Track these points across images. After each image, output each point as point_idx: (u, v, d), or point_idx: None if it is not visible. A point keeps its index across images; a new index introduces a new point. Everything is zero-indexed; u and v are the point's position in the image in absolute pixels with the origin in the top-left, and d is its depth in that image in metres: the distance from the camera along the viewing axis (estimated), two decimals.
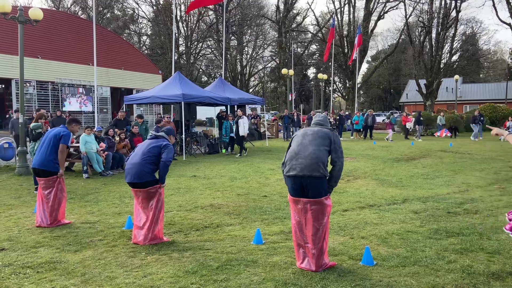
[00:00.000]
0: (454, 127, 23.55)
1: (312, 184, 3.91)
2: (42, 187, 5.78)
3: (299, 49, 56.51)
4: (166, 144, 5.01)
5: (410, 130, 22.60)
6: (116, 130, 12.02)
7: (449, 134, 22.97)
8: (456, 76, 33.03)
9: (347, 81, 44.92)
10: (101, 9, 50.15)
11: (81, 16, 44.67)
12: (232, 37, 52.38)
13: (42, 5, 58.15)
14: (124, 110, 15.00)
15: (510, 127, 21.53)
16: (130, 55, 32.90)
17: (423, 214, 6.10)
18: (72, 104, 28.38)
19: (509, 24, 38.54)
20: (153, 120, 17.60)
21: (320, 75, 34.97)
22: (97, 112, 17.03)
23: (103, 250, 4.67)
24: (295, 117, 22.74)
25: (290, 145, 4.25)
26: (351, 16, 42.68)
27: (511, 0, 35.14)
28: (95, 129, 11.02)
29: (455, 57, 48.99)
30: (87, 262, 4.30)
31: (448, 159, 12.88)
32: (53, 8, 45.62)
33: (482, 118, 21.76)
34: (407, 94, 51.99)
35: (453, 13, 38.45)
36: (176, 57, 45.31)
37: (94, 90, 22.21)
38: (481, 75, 61.21)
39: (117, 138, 11.53)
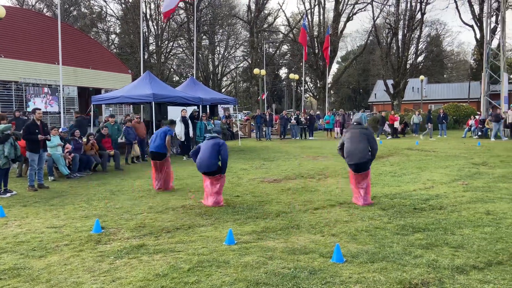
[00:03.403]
0: (404, 122, 23.90)
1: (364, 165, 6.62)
2: None
3: (270, 49, 56.77)
4: (222, 143, 6.95)
5: (399, 129, 22.94)
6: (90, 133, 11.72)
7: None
8: (422, 77, 34.08)
9: (318, 81, 45.50)
10: (67, 6, 48.66)
11: (46, 14, 43.19)
12: (204, 37, 52.00)
13: (5, 2, 55.79)
14: (91, 110, 14.62)
15: (472, 126, 22.42)
16: (98, 54, 32.07)
17: (390, 211, 6.26)
18: (36, 104, 27.37)
19: (471, 26, 40.17)
20: (122, 120, 17.22)
21: (291, 75, 35.32)
22: (64, 112, 16.51)
23: (70, 255, 4.54)
24: (268, 116, 22.84)
25: (343, 142, 6.84)
26: (321, 18, 43.34)
27: (473, 2, 36.63)
28: (60, 130, 10.66)
29: (420, 58, 50.62)
30: (52, 268, 4.16)
31: (414, 157, 13.28)
32: (17, 6, 43.91)
33: (446, 117, 22.54)
34: (375, 94, 53.23)
35: (418, 15, 39.74)
36: (146, 56, 44.58)
37: (60, 90, 21.52)
38: (445, 75, 63.43)
39: (85, 139, 11.21)
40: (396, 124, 22.73)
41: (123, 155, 12.83)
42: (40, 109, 8.97)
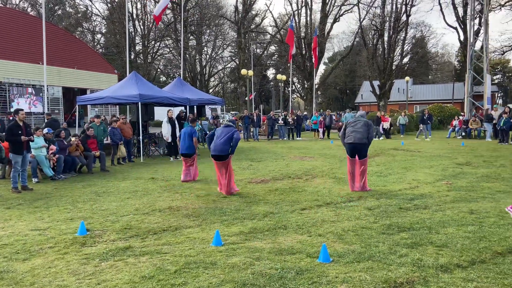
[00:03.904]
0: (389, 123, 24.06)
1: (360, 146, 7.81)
2: None
3: (258, 50, 56.85)
4: (235, 130, 7.98)
5: (388, 130, 23.09)
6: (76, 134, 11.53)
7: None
8: (407, 78, 34.52)
9: (305, 82, 45.73)
10: (52, 5, 47.96)
11: (30, 13, 42.48)
12: (191, 37, 51.78)
13: None
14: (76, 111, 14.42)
15: (456, 126, 22.78)
16: (83, 54, 31.67)
17: (376, 211, 6.33)
18: (20, 105, 26.88)
19: (455, 28, 40.88)
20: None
21: (279, 76, 35.40)
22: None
23: (54, 258, 4.47)
24: (255, 117, 22.85)
25: (345, 127, 8.06)
26: (308, 19, 43.58)
27: (457, 5, 37.26)
28: (45, 131, 10.49)
29: (406, 59, 51.29)
30: (36, 271, 4.10)
31: (399, 157, 13.44)
32: (0, 5, 43.08)
33: (431, 118, 22.84)
34: (362, 94, 53.73)
35: (404, 17, 40.27)
36: (132, 56, 44.18)
37: (44, 90, 21.17)
38: (429, 77, 64.39)
39: (73, 139, 11.00)
40: (386, 125, 22.97)
41: (109, 156, 12.69)
42: (23, 110, 8.81)
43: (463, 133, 21.84)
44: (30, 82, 27.83)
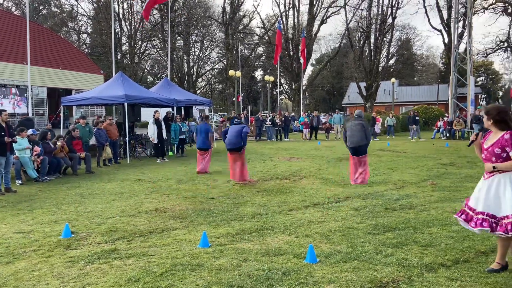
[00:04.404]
0: None
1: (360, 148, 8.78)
2: None
3: (246, 51, 56.85)
4: (245, 126, 9.29)
5: (379, 132, 23.30)
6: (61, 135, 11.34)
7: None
8: (393, 79, 34.93)
9: (293, 83, 45.90)
10: (37, 5, 47.19)
11: (14, 12, 41.75)
12: (178, 37, 51.50)
13: None
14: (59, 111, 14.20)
15: (440, 127, 23.13)
16: (68, 54, 31.24)
17: (363, 211, 6.38)
18: (4, 106, 26.38)
19: (440, 31, 41.53)
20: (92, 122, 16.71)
21: (267, 77, 35.46)
22: (33, 114, 15.99)
23: (38, 261, 4.40)
24: (243, 118, 22.84)
25: (345, 131, 9.00)
26: (296, 20, 43.76)
27: (442, 8, 37.87)
28: (29, 132, 10.31)
29: (392, 61, 51.92)
30: (20, 275, 4.02)
31: (385, 157, 13.59)
32: None
33: (417, 119, 23.17)
34: (349, 96, 54.16)
35: (390, 20, 40.74)
36: (119, 57, 43.74)
37: (28, 91, 20.82)
38: (415, 78, 65.23)
39: (59, 143, 10.83)
40: (378, 127, 23.16)
41: (95, 158, 12.55)
42: (6, 111, 8.65)
43: (448, 134, 22.18)
44: (14, 82, 27.34)
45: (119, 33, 46.20)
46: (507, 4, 36.25)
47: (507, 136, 3.84)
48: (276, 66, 36.93)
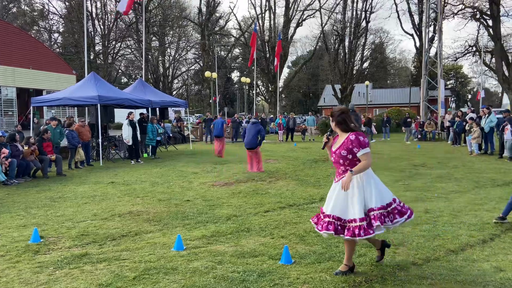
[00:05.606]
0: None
1: None
2: None
3: (222, 52, 56.74)
4: (261, 127, 10.75)
5: (375, 132, 23.52)
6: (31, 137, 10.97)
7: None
8: (367, 82, 35.60)
9: (269, 85, 46.12)
10: (6, 3, 45.66)
11: None
12: (153, 38, 50.88)
13: None
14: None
15: (412, 129, 23.71)
16: (39, 54, 30.33)
17: None
18: None
19: (411, 35, 42.65)
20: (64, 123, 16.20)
21: (243, 79, 35.48)
22: (1, 115, 15.42)
23: (5, 267, 4.23)
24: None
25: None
26: (272, 22, 43.99)
27: (413, 12, 38.87)
28: None
29: (366, 64, 52.89)
30: None
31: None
32: None
33: (389, 121, 23.69)
34: (324, 98, 54.77)
35: (363, 24, 41.57)
36: (92, 57, 42.79)
37: None
38: (388, 81, 66.68)
39: (31, 148, 10.46)
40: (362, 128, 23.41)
41: (66, 160, 12.22)
42: None
43: (419, 136, 22.76)
44: None
45: (92, 33, 45.24)
46: (475, 10, 37.59)
47: (353, 137, 3.79)
48: (253, 67, 37.00)
